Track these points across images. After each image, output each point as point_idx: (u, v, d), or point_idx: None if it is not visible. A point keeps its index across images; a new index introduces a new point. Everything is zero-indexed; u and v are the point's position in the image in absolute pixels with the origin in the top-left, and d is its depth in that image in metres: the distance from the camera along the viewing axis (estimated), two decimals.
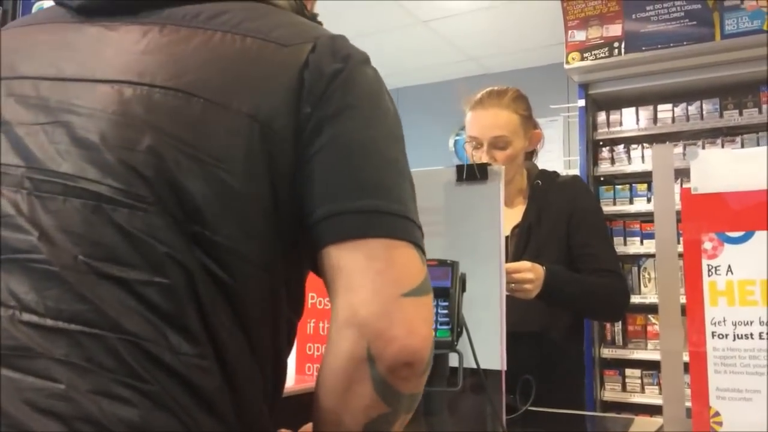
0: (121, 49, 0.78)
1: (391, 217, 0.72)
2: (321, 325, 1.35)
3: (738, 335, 1.00)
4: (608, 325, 3.44)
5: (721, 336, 1.00)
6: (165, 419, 0.66)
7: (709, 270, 1.02)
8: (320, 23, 0.92)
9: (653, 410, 3.12)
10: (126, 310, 0.68)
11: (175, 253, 0.70)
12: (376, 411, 0.70)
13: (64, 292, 0.68)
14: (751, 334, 0.99)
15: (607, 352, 3.42)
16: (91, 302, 0.67)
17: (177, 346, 0.68)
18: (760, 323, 0.98)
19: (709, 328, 1.01)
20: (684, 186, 1.07)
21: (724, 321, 1.01)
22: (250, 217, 0.73)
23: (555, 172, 1.89)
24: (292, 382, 1.29)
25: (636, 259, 3.45)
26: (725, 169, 1.04)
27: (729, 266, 1.01)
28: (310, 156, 0.74)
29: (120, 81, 0.75)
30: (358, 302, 0.69)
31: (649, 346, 3.36)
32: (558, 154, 4.33)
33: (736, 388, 0.99)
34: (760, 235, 1.00)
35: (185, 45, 0.77)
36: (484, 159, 1.68)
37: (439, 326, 1.05)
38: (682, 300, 1.06)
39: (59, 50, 0.80)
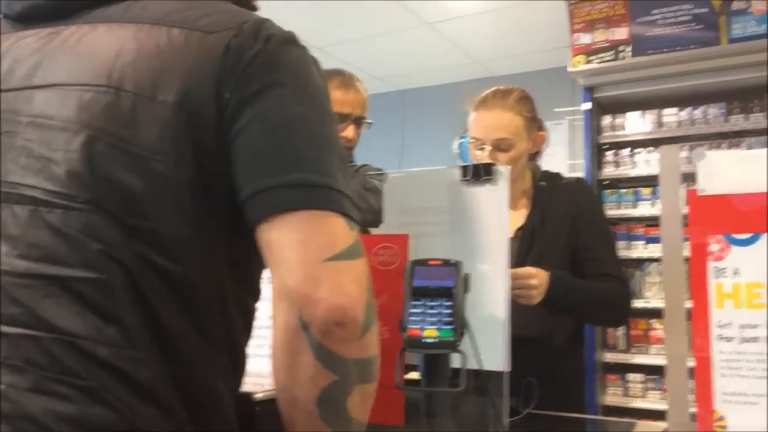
0: (55, 53, 0.81)
1: (312, 189, 0.74)
2: None
3: (744, 338, 0.98)
4: (611, 330, 3.43)
5: (727, 339, 0.99)
6: (102, 412, 0.68)
7: (715, 272, 1.01)
8: (254, 8, 0.95)
9: (655, 415, 3.11)
10: (61, 309, 0.71)
11: (110, 249, 0.72)
12: (323, 380, 0.71)
13: (1, 297, 0.71)
14: (758, 338, 0.98)
15: (610, 357, 3.41)
16: (25, 305, 0.71)
17: (112, 340, 0.70)
18: (767, 326, 0.97)
19: (715, 331, 1.00)
20: (690, 188, 1.06)
21: (731, 324, 0.99)
22: (186, 204, 0.75)
23: (559, 174, 1.88)
24: None
25: (639, 263, 3.43)
26: (732, 170, 1.03)
27: (736, 268, 1.00)
28: (232, 137, 0.76)
29: (53, 85, 0.79)
30: (285, 273, 0.71)
31: (652, 350, 3.35)
32: (562, 158, 4.32)
33: (742, 392, 0.97)
34: (766, 238, 0.99)
35: (113, 41, 0.80)
36: (487, 160, 1.66)
37: (442, 326, 1.04)
38: (688, 304, 1.05)
39: (6, 60, 0.83)
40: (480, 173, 1.23)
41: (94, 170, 0.74)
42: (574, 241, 1.74)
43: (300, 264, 0.70)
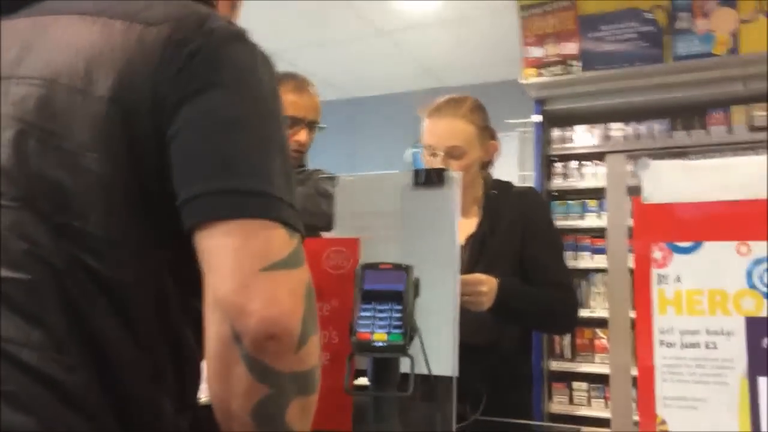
0: None
1: (248, 196, 0.71)
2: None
3: (685, 344, 1.01)
4: (557, 338, 3.49)
5: (668, 345, 1.02)
6: (22, 419, 0.65)
7: (658, 279, 1.04)
8: (212, 5, 0.92)
9: (599, 423, 3.16)
10: None
11: (37, 248, 0.69)
12: (257, 394, 0.68)
13: None
14: (698, 343, 1.00)
15: (556, 365, 3.46)
16: None
17: (38, 344, 0.67)
18: (706, 333, 1.00)
19: (657, 337, 1.02)
20: (635, 197, 1.09)
21: (672, 330, 1.02)
22: (118, 204, 0.72)
23: (510, 183, 1.90)
24: None
25: (586, 273, 3.51)
26: (676, 179, 1.06)
27: (678, 276, 1.03)
28: (170, 137, 0.73)
29: None
30: (217, 281, 0.68)
31: (597, 359, 3.42)
32: (513, 169, 4.37)
33: (683, 397, 1.00)
34: (708, 246, 1.02)
35: (53, 33, 0.77)
36: (440, 166, 1.67)
37: (392, 330, 1.03)
38: (632, 314, 1.07)
39: None
40: (432, 178, 1.23)
41: (24, 166, 0.71)
42: (524, 249, 1.76)
43: (233, 273, 0.67)
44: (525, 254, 1.76)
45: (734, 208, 1.01)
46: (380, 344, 1.03)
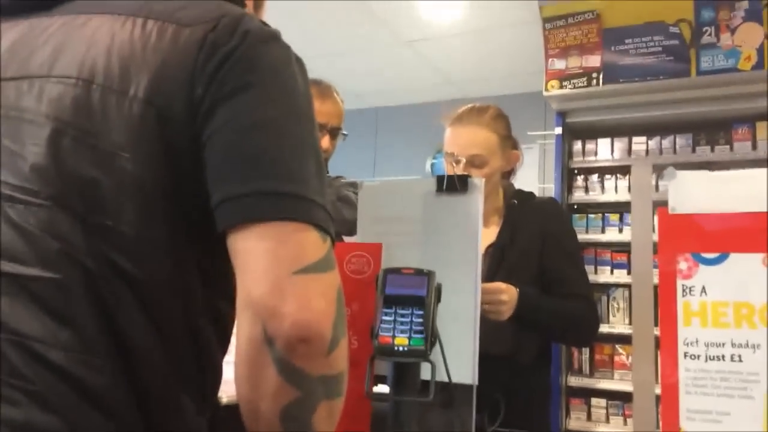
0: (33, 45, 0.79)
1: (283, 198, 0.71)
2: None
3: (710, 356, 1.00)
4: (576, 354, 3.45)
5: (693, 357, 1.00)
6: (48, 419, 0.65)
7: (683, 290, 1.03)
8: (243, 5, 0.92)
9: None
10: (15, 309, 0.68)
11: (69, 247, 0.70)
12: (286, 396, 0.68)
13: None
14: (723, 356, 0.99)
15: (574, 381, 3.42)
16: None
17: (66, 344, 0.68)
18: (732, 345, 0.99)
19: (681, 349, 1.01)
20: (660, 207, 1.08)
21: (697, 342, 1.01)
22: (151, 204, 0.73)
23: (531, 193, 1.90)
24: None
25: (606, 288, 3.47)
26: (702, 190, 1.05)
27: (703, 287, 1.02)
28: (206, 139, 0.73)
29: (27, 77, 0.76)
30: (250, 283, 0.68)
31: (616, 376, 3.38)
32: (533, 181, 4.37)
33: (707, 410, 0.98)
34: (734, 258, 1.01)
35: (89, 33, 0.77)
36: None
37: (413, 335, 1.03)
38: (656, 331, 1.06)
39: None
40: (455, 185, 1.23)
41: (59, 165, 0.71)
42: (544, 260, 1.75)
43: (267, 275, 0.67)
44: (545, 265, 1.75)
45: (760, 220, 1.00)
46: (401, 348, 1.02)
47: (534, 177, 4.45)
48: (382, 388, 1.14)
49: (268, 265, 0.68)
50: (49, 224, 0.70)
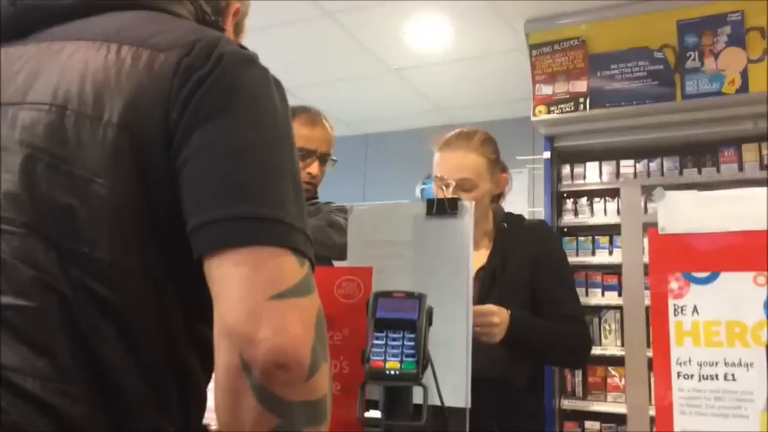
0: (9, 72, 0.78)
1: (259, 223, 0.70)
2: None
3: (703, 376, 0.99)
4: (569, 377, 3.44)
5: (686, 377, 1.00)
6: None
7: (675, 310, 1.03)
8: (222, 29, 0.92)
9: None
10: None
11: (44, 275, 0.69)
12: (267, 424, 0.66)
13: None
14: (717, 375, 0.98)
15: (568, 404, 3.41)
16: None
17: (42, 373, 0.66)
18: (725, 364, 0.98)
19: (674, 369, 1.01)
20: (650, 227, 1.08)
21: (690, 361, 1.00)
22: (127, 230, 0.72)
23: (521, 216, 1.90)
24: None
25: (597, 310, 3.47)
26: (692, 210, 1.06)
27: (695, 306, 1.02)
28: (181, 164, 0.72)
29: (4, 104, 0.75)
30: (226, 310, 0.67)
31: (609, 398, 3.36)
32: (522, 205, 4.38)
33: (701, 430, 0.98)
34: (725, 277, 1.01)
35: (61, 59, 0.77)
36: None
37: (404, 359, 1.02)
38: (649, 354, 1.05)
39: None
40: (445, 208, 1.23)
41: (33, 192, 0.71)
42: (535, 282, 1.75)
43: (242, 302, 0.66)
44: (537, 287, 1.75)
45: (751, 238, 1.01)
46: (393, 372, 1.01)
47: (523, 201, 4.47)
48: (375, 413, 1.12)
49: (244, 292, 0.66)
50: (24, 252, 0.69)
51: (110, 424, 0.69)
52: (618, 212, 3.41)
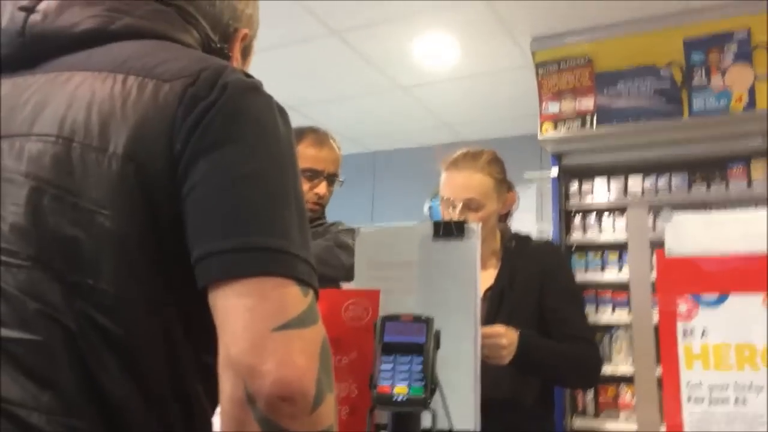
0: (17, 103, 0.79)
1: (263, 253, 0.69)
2: None
3: (714, 400, 0.98)
4: (580, 395, 3.41)
5: (697, 400, 0.99)
6: None
7: (684, 333, 1.02)
8: (228, 57, 0.92)
9: None
10: None
11: (49, 308, 0.69)
12: None
13: None
14: (727, 399, 0.98)
15: (579, 423, 3.37)
16: None
17: (47, 407, 0.67)
18: (735, 388, 0.98)
19: (684, 392, 1.00)
20: (658, 249, 1.08)
21: (701, 385, 0.99)
22: (132, 261, 0.72)
23: (528, 236, 1.90)
24: None
25: (608, 328, 3.45)
26: (699, 232, 1.05)
27: (704, 329, 1.01)
28: (185, 194, 0.72)
29: (10, 136, 0.76)
30: (230, 342, 0.67)
31: (621, 417, 3.32)
32: (531, 222, 4.37)
33: None
34: (734, 299, 1.00)
35: (68, 89, 0.77)
36: (458, 218, 1.68)
37: (413, 383, 1.02)
38: (658, 372, 1.05)
39: None
40: (452, 230, 1.23)
41: (39, 224, 0.71)
42: (544, 302, 1.75)
43: (246, 333, 0.66)
44: (545, 307, 1.74)
45: (759, 261, 1.00)
46: (401, 398, 1.01)
47: (532, 218, 4.46)
48: None
49: (247, 323, 0.66)
50: (29, 285, 0.70)
51: None
52: (627, 229, 3.39)
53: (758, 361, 0.97)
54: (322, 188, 2.00)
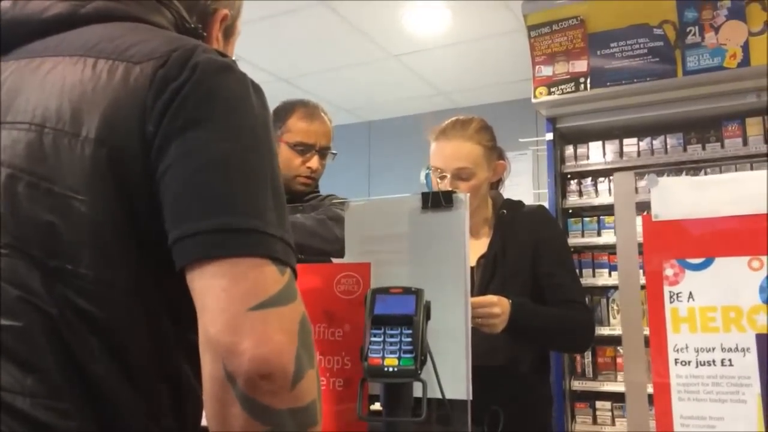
0: None
1: (237, 234, 0.70)
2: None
3: (700, 362, 1.00)
4: (578, 358, 3.44)
5: (684, 363, 1.00)
6: None
7: (671, 297, 1.03)
8: (202, 36, 0.92)
9: None
10: None
11: (29, 294, 0.70)
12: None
13: None
14: (714, 361, 0.99)
15: (578, 385, 3.41)
16: None
17: (32, 391, 0.68)
18: (721, 350, 0.99)
19: (671, 355, 1.01)
20: (644, 214, 1.08)
21: (687, 348, 1.01)
22: (110, 245, 0.72)
23: (520, 202, 1.90)
24: None
25: (604, 290, 3.47)
26: (685, 196, 1.05)
27: (690, 293, 1.02)
28: (159, 176, 0.72)
29: None
30: (208, 322, 0.68)
31: (619, 378, 3.36)
32: (527, 187, 4.37)
33: (700, 416, 0.98)
34: (720, 262, 1.01)
35: (40, 76, 0.77)
36: (448, 188, 1.68)
37: (403, 355, 1.03)
38: (646, 331, 1.06)
39: None
40: (440, 201, 1.23)
41: (15, 212, 0.71)
42: (536, 268, 1.75)
43: (223, 313, 0.67)
44: (538, 273, 1.75)
45: (745, 223, 1.00)
46: (391, 369, 1.02)
47: (528, 183, 4.46)
48: (379, 407, 1.13)
49: (224, 303, 0.67)
50: (9, 272, 0.70)
51: None
52: None
53: (744, 323, 0.98)
54: (314, 162, 1.99)
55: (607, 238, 3.48)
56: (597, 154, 3.58)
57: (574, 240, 3.49)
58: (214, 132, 0.73)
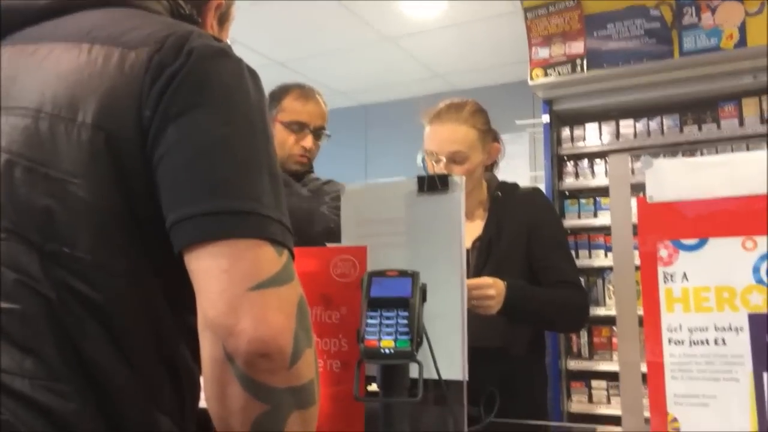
0: None
1: (234, 216, 0.71)
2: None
3: (694, 341, 1.01)
4: (574, 338, 3.47)
5: (677, 342, 1.01)
6: None
7: (665, 277, 1.04)
8: (196, 22, 0.92)
9: (619, 421, 3.13)
10: None
11: (27, 278, 0.71)
12: (254, 411, 0.69)
13: None
14: (707, 340, 1.00)
15: (574, 364, 3.44)
16: None
17: (30, 372, 0.69)
18: (714, 329, 1.00)
19: (665, 335, 1.02)
20: (639, 196, 1.09)
21: (680, 327, 1.02)
22: (107, 228, 0.73)
23: (515, 184, 1.91)
24: None
25: (601, 271, 3.49)
26: (679, 177, 1.06)
27: (684, 273, 1.03)
28: (157, 161, 0.73)
29: None
30: (207, 304, 0.69)
31: (615, 357, 3.39)
32: (524, 169, 4.38)
33: (693, 394, 0.99)
34: (713, 242, 1.02)
35: (36, 61, 0.78)
36: (443, 172, 1.68)
37: (399, 336, 1.04)
38: (641, 312, 1.07)
39: None
40: (435, 184, 1.24)
41: (13, 197, 0.72)
42: (531, 250, 1.76)
43: (221, 295, 0.68)
44: (532, 254, 1.76)
45: (738, 203, 1.01)
46: (387, 351, 1.03)
47: (525, 165, 4.46)
48: (376, 387, 1.14)
49: (223, 284, 0.68)
50: (7, 256, 0.71)
51: (103, 419, 0.71)
52: None
53: (737, 303, 0.99)
54: (308, 141, 2.00)
55: (604, 219, 3.50)
56: (593, 135, 3.59)
57: (570, 221, 3.50)
58: (211, 116, 0.73)
